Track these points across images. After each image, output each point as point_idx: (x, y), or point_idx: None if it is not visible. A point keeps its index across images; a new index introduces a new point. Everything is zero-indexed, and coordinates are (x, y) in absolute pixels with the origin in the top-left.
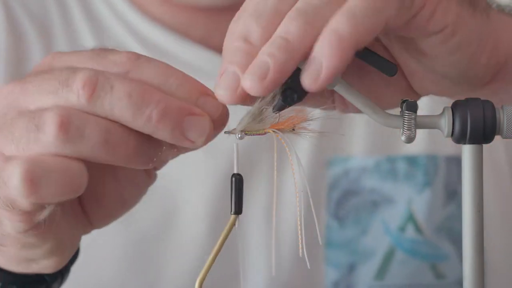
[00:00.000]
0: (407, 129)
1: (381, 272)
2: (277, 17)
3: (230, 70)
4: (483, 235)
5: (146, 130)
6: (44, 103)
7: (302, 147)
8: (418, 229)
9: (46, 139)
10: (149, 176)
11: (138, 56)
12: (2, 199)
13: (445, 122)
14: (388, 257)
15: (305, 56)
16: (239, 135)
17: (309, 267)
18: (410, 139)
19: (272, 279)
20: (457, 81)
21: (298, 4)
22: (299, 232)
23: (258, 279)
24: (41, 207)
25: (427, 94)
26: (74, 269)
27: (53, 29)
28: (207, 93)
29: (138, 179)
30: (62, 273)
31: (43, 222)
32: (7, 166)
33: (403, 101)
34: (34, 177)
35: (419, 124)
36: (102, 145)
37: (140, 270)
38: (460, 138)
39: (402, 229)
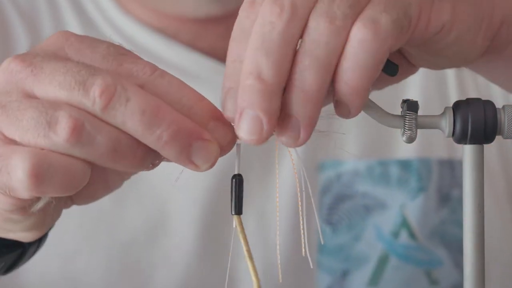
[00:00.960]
0: (408, 129)
1: (375, 278)
2: (287, 48)
3: (251, 113)
4: (484, 235)
5: (154, 147)
6: (56, 96)
7: (293, 150)
8: (411, 234)
9: (56, 140)
10: None
11: (154, 69)
12: (0, 184)
13: (446, 122)
14: (382, 263)
15: None
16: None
17: (311, 266)
18: (411, 139)
19: (265, 284)
20: (456, 59)
21: (307, 46)
22: (302, 234)
23: (250, 284)
24: (37, 197)
25: (423, 67)
26: (62, 273)
27: (42, 27)
28: (218, 118)
29: None
30: (39, 239)
31: (36, 211)
32: (13, 155)
33: (404, 101)
34: (40, 173)
35: (420, 124)
36: (110, 153)
37: (128, 274)
38: (461, 138)
39: (395, 234)
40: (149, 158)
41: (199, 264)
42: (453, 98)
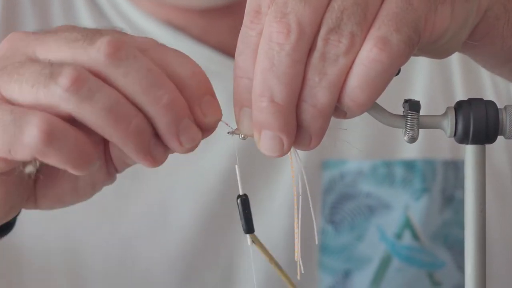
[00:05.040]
0: (410, 129)
1: (377, 279)
2: (297, 68)
3: (270, 134)
4: (485, 235)
5: (149, 109)
6: (61, 53)
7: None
8: (415, 236)
9: (55, 90)
10: (109, 176)
11: (155, 41)
12: (6, 139)
13: (448, 123)
14: (384, 264)
15: None
16: (242, 135)
17: (302, 271)
18: (412, 139)
19: (267, 283)
20: (434, 55)
21: (316, 63)
22: (296, 235)
23: (249, 282)
24: (30, 161)
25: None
26: (64, 266)
27: (53, 16)
28: (213, 94)
29: (97, 175)
30: None
31: (19, 172)
32: (28, 112)
33: (406, 101)
34: (53, 133)
35: (422, 124)
36: (106, 112)
37: (128, 268)
38: (462, 138)
39: (398, 236)
40: (141, 136)
41: (198, 259)
42: (459, 97)
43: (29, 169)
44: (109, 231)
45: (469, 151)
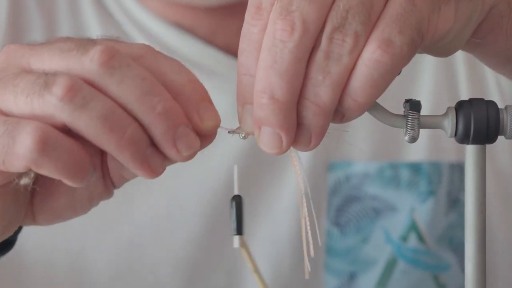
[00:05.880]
0: (411, 129)
1: (382, 281)
2: (299, 65)
3: (269, 130)
4: (485, 235)
5: (144, 118)
6: (56, 63)
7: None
8: (420, 238)
9: (49, 99)
10: (106, 190)
11: (150, 47)
12: None
13: (449, 122)
14: (390, 267)
15: None
16: (243, 135)
17: (309, 269)
18: (413, 139)
19: (272, 284)
20: (437, 53)
21: (320, 61)
22: (303, 236)
23: (254, 282)
24: (25, 173)
25: None
26: (70, 268)
27: (59, 15)
28: (210, 101)
29: (94, 189)
30: None
31: (15, 185)
32: (21, 121)
33: (407, 101)
34: (47, 142)
35: (422, 124)
36: (100, 121)
37: (134, 270)
38: (463, 138)
39: (404, 238)
40: (136, 145)
41: (204, 261)
42: (464, 97)
43: (25, 181)
44: (114, 233)
45: (469, 151)
